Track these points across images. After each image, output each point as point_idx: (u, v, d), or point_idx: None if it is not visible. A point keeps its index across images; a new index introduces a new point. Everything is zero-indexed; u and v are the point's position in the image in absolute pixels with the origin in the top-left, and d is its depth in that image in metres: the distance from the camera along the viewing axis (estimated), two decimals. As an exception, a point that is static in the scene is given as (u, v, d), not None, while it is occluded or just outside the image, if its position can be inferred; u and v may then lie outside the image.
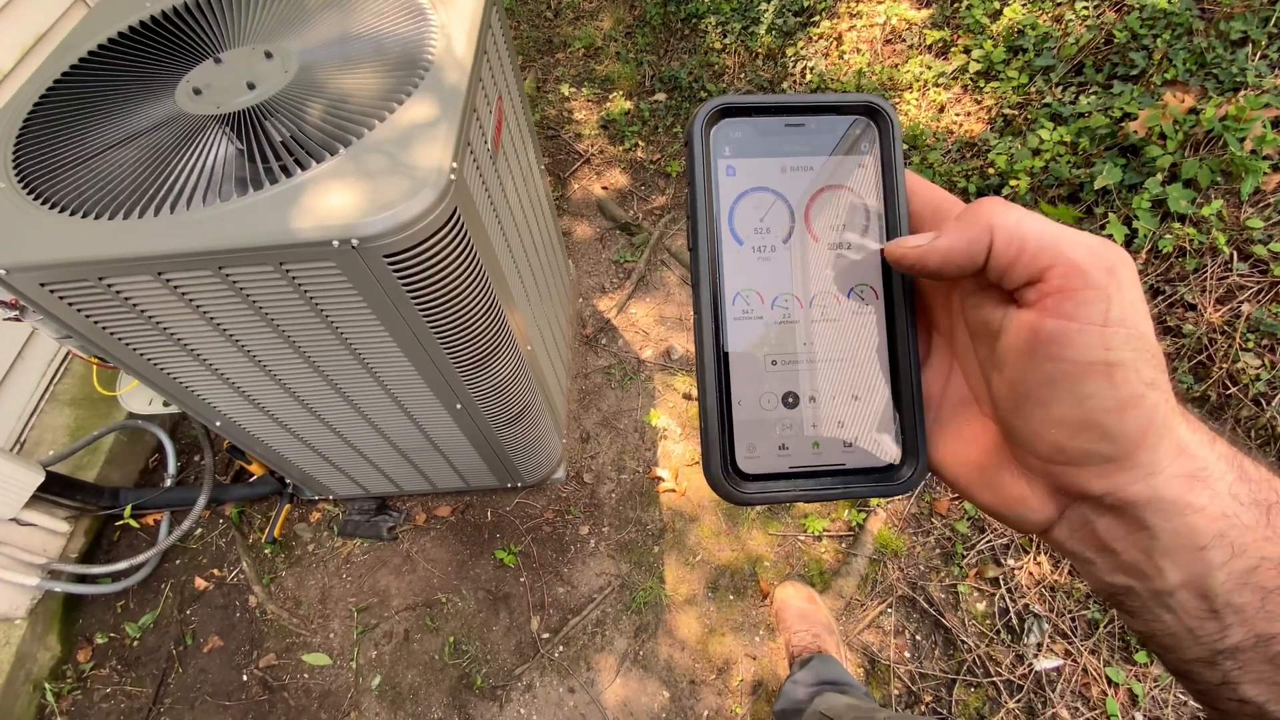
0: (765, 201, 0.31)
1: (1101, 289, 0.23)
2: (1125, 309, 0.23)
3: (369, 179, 0.89)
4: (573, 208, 2.50)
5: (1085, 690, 1.47)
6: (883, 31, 2.53)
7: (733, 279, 0.31)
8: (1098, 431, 0.24)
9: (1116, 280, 0.24)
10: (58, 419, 1.86)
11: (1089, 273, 0.24)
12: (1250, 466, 0.25)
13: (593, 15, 3.13)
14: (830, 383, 0.31)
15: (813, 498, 0.31)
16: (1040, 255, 0.24)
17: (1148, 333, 0.24)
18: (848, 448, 0.31)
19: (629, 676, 1.60)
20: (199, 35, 1.17)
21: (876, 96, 0.31)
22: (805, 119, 0.31)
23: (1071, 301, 0.24)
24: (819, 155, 0.31)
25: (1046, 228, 0.25)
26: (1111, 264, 0.24)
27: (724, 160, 0.31)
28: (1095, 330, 0.23)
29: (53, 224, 0.90)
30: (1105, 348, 0.23)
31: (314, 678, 1.65)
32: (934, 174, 2.16)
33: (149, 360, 1.10)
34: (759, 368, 0.31)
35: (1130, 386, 0.23)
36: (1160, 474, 0.23)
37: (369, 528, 1.80)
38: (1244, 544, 0.23)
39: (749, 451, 0.30)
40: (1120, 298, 0.23)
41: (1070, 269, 0.24)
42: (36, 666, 1.63)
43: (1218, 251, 1.69)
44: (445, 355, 1.10)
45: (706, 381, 0.30)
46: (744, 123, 0.31)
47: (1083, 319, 0.24)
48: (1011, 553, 1.65)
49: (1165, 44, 1.97)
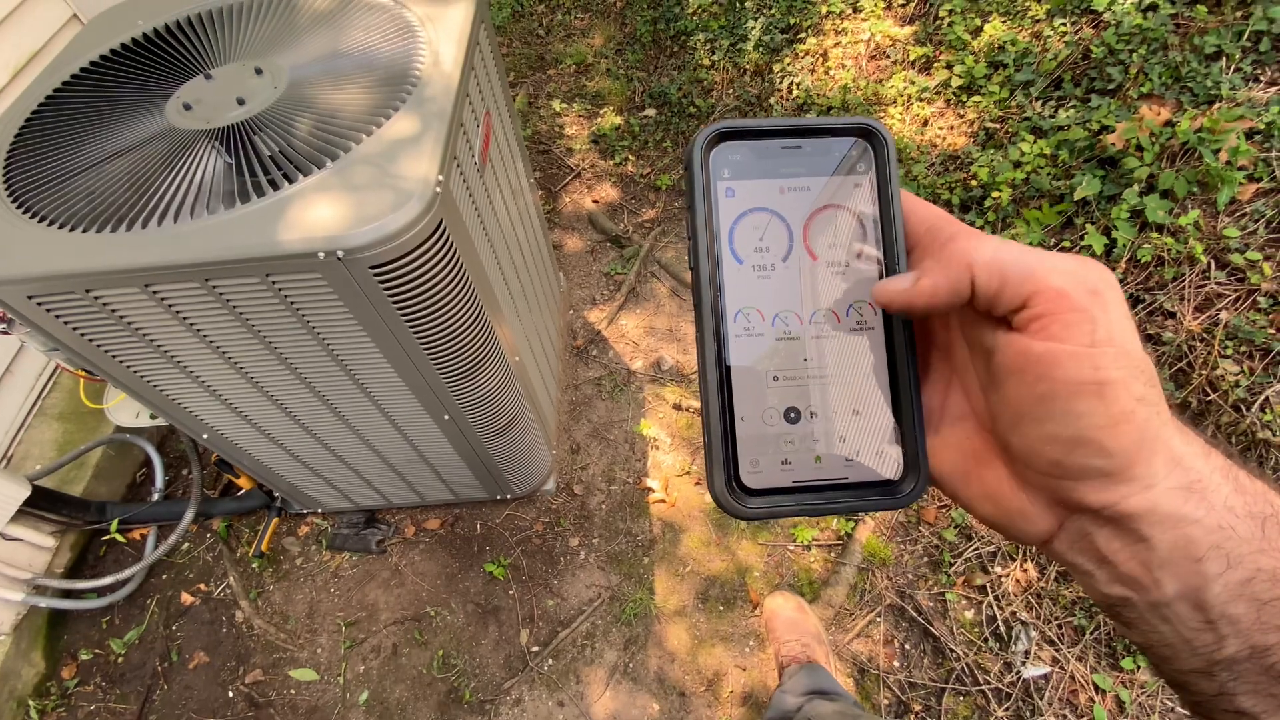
0: (764, 221, 0.32)
1: (1086, 311, 0.24)
2: (1112, 328, 0.24)
3: (355, 192, 0.91)
4: (564, 221, 2.53)
5: (1073, 697, 1.47)
6: (867, 48, 2.58)
7: (734, 297, 0.31)
8: (1093, 447, 0.24)
9: (1101, 301, 0.24)
10: (45, 433, 1.85)
11: (1072, 296, 0.24)
12: (1246, 479, 0.25)
13: (584, 33, 3.17)
14: (831, 398, 0.32)
15: (816, 512, 0.31)
16: (1023, 285, 0.25)
17: (1136, 350, 0.24)
18: (849, 462, 0.31)
19: (619, 689, 1.59)
20: (190, 52, 1.18)
21: (871, 119, 0.32)
22: (802, 141, 0.32)
23: (1058, 325, 0.24)
24: (816, 176, 0.32)
25: (1024, 257, 0.25)
26: (1094, 286, 0.24)
27: (723, 182, 0.32)
28: (1084, 351, 0.24)
29: (41, 238, 0.91)
30: (1094, 367, 0.24)
31: (301, 693, 1.63)
32: (918, 186, 2.19)
33: (136, 373, 1.10)
34: (761, 384, 0.31)
35: (1122, 403, 0.24)
36: (1156, 486, 0.24)
37: (357, 541, 1.80)
38: (1239, 556, 0.23)
39: (752, 467, 0.31)
40: (1106, 318, 0.24)
41: (1053, 294, 0.24)
42: (20, 683, 1.61)
43: (1195, 260, 1.72)
44: (432, 366, 1.11)
45: (710, 398, 0.31)
46: (742, 146, 0.32)
47: (1070, 341, 0.24)
48: (999, 560, 1.65)
49: (1141, 59, 2.01)
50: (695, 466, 1.90)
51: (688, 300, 2.27)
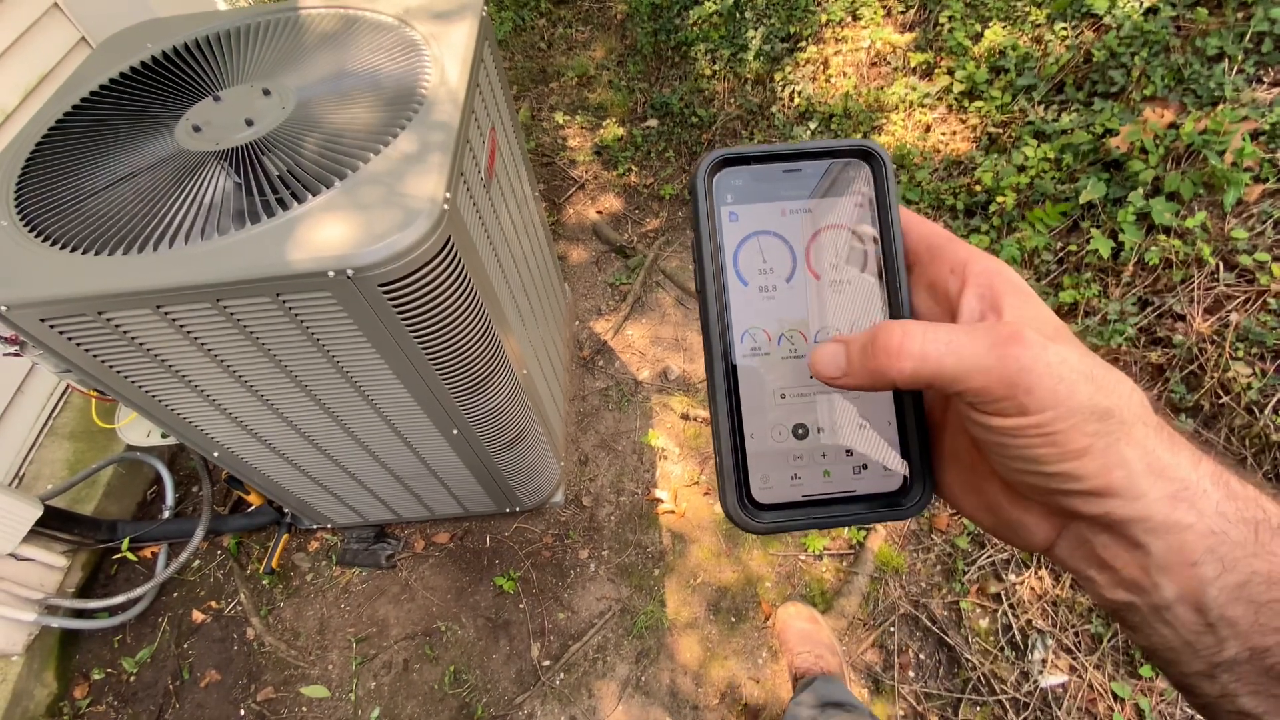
0: (767, 244, 0.33)
1: (1012, 399, 0.24)
2: (1043, 399, 0.24)
3: (364, 211, 0.91)
4: (568, 232, 2.53)
5: (1092, 706, 1.45)
6: (868, 55, 2.59)
7: (740, 318, 0.32)
8: (1064, 476, 0.25)
9: (1023, 388, 0.24)
10: (56, 453, 1.86)
11: (994, 392, 0.25)
12: (1237, 484, 0.25)
13: (585, 45, 3.20)
14: (837, 413, 0.32)
15: (826, 525, 0.32)
16: (947, 388, 0.25)
17: (1079, 400, 0.24)
18: (857, 475, 0.32)
19: (631, 703, 1.58)
20: (199, 74, 1.20)
21: (869, 141, 0.33)
22: (802, 165, 0.33)
23: (993, 406, 0.25)
24: (816, 198, 0.33)
25: (942, 366, 0.25)
26: (1011, 378, 0.24)
27: (726, 207, 0.33)
28: (1023, 423, 0.24)
29: (53, 261, 0.92)
30: (1038, 430, 0.24)
31: (312, 711, 1.63)
32: (922, 192, 2.19)
33: (147, 392, 1.11)
34: (769, 402, 0.32)
35: (1075, 443, 0.24)
36: (1144, 497, 0.24)
37: (367, 556, 1.79)
38: (1234, 560, 0.24)
39: (763, 483, 0.32)
40: (1033, 398, 0.24)
41: (977, 393, 0.25)
42: (33, 704, 1.61)
43: (1204, 262, 1.71)
44: (441, 381, 1.11)
45: (719, 416, 0.32)
46: (744, 171, 0.33)
47: (1007, 416, 0.25)
48: (1012, 568, 1.64)
49: (1143, 61, 2.01)
50: (704, 476, 1.89)
51: (693, 309, 2.27)
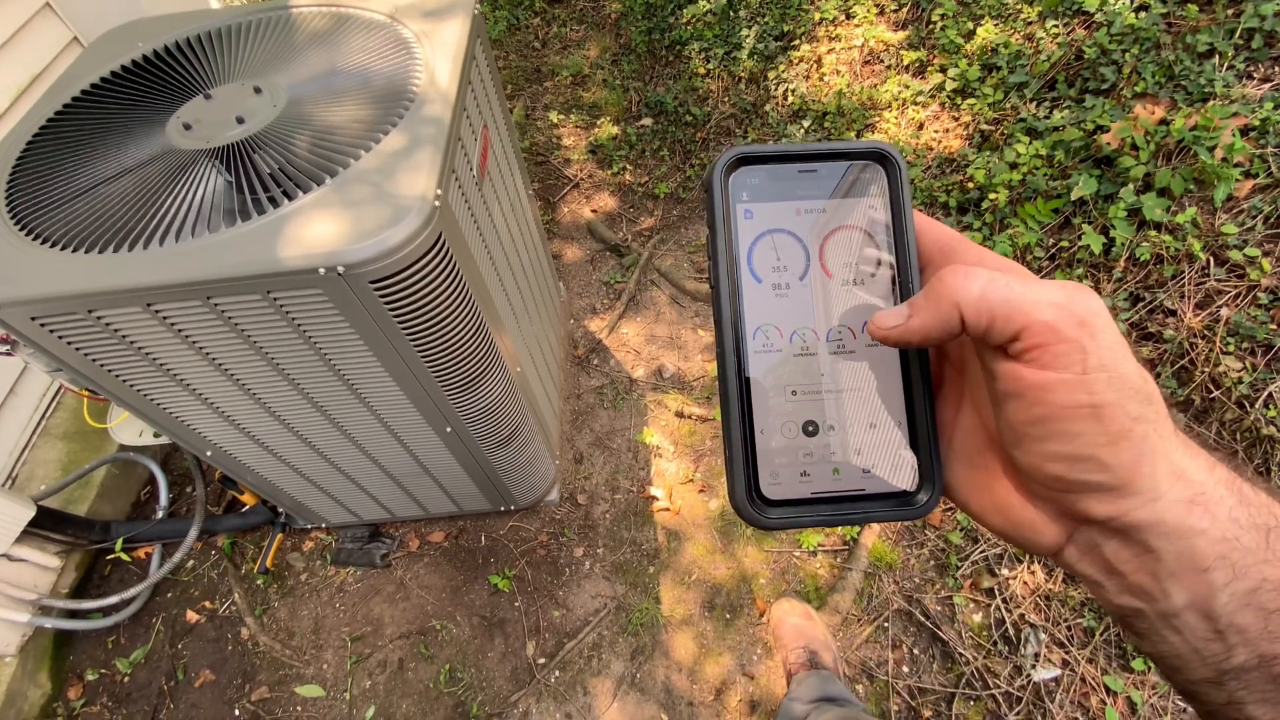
0: (781, 242, 0.33)
1: (1075, 342, 0.24)
2: (1103, 355, 0.24)
3: (355, 208, 0.91)
4: (563, 231, 2.54)
5: (1084, 700, 1.46)
6: (861, 53, 2.59)
7: (753, 315, 0.33)
8: (1093, 463, 0.25)
9: (1089, 330, 0.24)
10: (49, 453, 1.85)
11: (1060, 329, 0.25)
12: (1250, 491, 0.25)
13: (579, 44, 3.20)
14: (848, 411, 0.33)
15: (834, 522, 0.32)
16: (1011, 320, 0.25)
17: (1130, 372, 0.24)
18: (866, 474, 0.32)
19: (626, 700, 1.58)
20: (190, 72, 1.20)
21: (884, 143, 0.33)
22: (817, 165, 0.33)
23: (1049, 355, 0.25)
24: (831, 198, 0.33)
25: (1011, 291, 0.26)
26: (1082, 316, 0.25)
27: (741, 205, 0.33)
28: (1077, 379, 0.24)
29: (44, 259, 0.91)
30: (1089, 393, 0.24)
31: (307, 710, 1.63)
32: (915, 189, 2.20)
33: (139, 391, 1.11)
34: (780, 398, 0.32)
35: (1118, 423, 0.24)
36: (1161, 499, 0.24)
37: (362, 555, 1.79)
38: (1245, 566, 0.24)
39: (772, 479, 0.32)
40: (1096, 346, 0.24)
41: (1041, 328, 0.25)
42: (27, 705, 1.61)
43: (1195, 258, 1.72)
44: (434, 379, 1.11)
45: (730, 412, 0.32)
46: (760, 170, 0.33)
47: (1063, 370, 0.25)
48: (1006, 563, 1.65)
49: (1134, 58, 2.02)
50: (699, 474, 1.90)
51: (688, 307, 2.27)
